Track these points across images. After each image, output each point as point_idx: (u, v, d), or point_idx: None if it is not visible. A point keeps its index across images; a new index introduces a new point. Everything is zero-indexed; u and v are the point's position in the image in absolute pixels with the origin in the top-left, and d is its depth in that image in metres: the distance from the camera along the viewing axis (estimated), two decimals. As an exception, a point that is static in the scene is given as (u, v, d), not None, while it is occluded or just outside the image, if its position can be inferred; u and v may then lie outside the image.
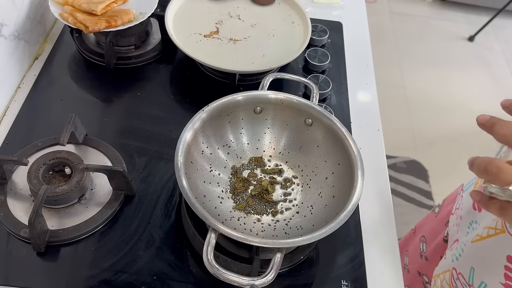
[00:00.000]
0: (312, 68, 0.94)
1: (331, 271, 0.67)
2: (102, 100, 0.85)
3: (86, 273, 0.62)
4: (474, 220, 0.68)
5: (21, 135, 0.76)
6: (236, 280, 0.51)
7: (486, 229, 0.62)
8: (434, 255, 0.85)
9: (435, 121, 2.20)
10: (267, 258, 0.60)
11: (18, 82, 0.84)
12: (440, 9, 2.89)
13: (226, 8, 0.97)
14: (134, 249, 0.65)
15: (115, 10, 0.86)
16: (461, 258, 0.68)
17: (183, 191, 0.57)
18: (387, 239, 0.72)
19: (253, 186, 0.69)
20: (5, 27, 0.77)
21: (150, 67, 0.91)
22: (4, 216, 0.64)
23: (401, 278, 0.68)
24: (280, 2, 1.00)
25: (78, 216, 0.66)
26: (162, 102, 0.85)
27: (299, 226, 0.64)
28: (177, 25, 0.90)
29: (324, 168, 0.69)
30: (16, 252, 0.63)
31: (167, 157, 0.76)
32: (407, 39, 2.64)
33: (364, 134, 0.85)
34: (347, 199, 0.59)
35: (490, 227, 0.61)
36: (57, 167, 0.68)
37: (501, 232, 0.59)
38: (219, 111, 0.68)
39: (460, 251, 0.68)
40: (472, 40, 2.67)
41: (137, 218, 0.68)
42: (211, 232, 0.54)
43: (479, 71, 2.48)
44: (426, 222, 0.97)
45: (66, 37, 0.93)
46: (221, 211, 0.65)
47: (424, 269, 0.88)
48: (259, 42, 0.91)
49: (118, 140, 0.77)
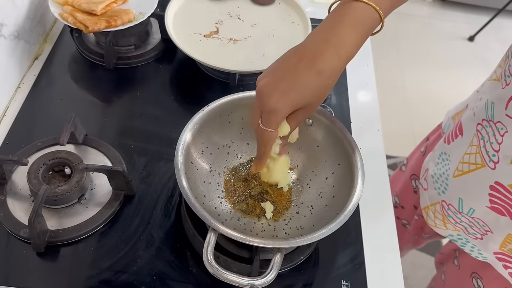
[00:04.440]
0: (312, 68, 0.94)
1: (331, 271, 0.67)
2: (102, 100, 0.85)
3: (86, 273, 0.62)
4: (444, 151, 0.78)
5: (21, 135, 0.76)
6: (236, 280, 0.52)
7: (467, 164, 0.70)
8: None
9: (435, 121, 2.20)
10: (267, 258, 0.60)
11: (18, 82, 0.84)
12: (440, 9, 2.89)
13: (226, 8, 0.97)
14: (134, 249, 0.65)
15: (115, 10, 0.86)
16: (447, 191, 0.76)
17: (183, 191, 0.57)
18: (387, 239, 0.72)
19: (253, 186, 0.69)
20: (5, 27, 0.77)
21: (150, 67, 0.91)
22: (4, 216, 0.64)
23: (401, 278, 0.68)
24: (280, 2, 1.00)
25: (78, 216, 0.66)
26: (162, 102, 0.85)
27: (299, 226, 0.64)
28: (177, 25, 0.90)
29: (324, 168, 0.69)
30: (16, 252, 0.63)
31: (167, 157, 0.76)
32: (407, 39, 2.64)
33: (364, 134, 0.85)
34: (347, 199, 0.59)
35: (471, 163, 0.69)
36: (57, 167, 0.68)
37: (481, 166, 0.68)
38: (219, 111, 0.68)
39: (444, 185, 0.77)
40: (472, 40, 2.67)
41: (137, 218, 0.68)
42: (211, 232, 0.54)
43: (479, 71, 2.47)
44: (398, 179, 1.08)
45: (66, 37, 0.93)
46: (221, 211, 0.65)
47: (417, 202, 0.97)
48: (259, 42, 0.91)
49: (118, 140, 0.77)
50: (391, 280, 0.68)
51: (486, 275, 0.77)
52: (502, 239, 0.70)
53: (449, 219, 0.78)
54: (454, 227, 0.78)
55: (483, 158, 0.67)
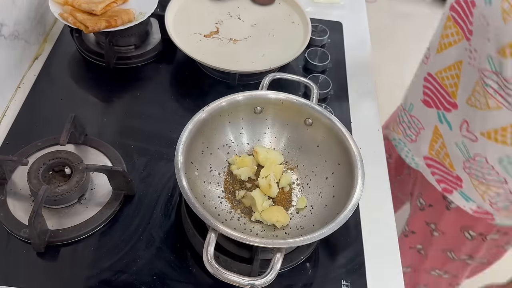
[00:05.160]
0: (312, 68, 0.94)
1: (331, 271, 0.67)
2: (102, 100, 0.85)
3: (86, 273, 0.62)
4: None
5: (21, 135, 0.75)
6: (236, 280, 0.51)
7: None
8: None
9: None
10: (267, 258, 0.60)
11: (18, 82, 0.84)
12: (440, 9, 2.89)
13: (226, 8, 0.97)
14: (134, 249, 0.65)
15: (115, 10, 0.86)
16: (405, 98, 0.98)
17: (183, 191, 0.57)
18: (387, 239, 0.72)
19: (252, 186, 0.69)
20: (5, 27, 0.77)
21: (150, 67, 0.91)
22: (4, 216, 0.64)
23: (401, 278, 0.68)
24: (280, 2, 1.00)
25: (78, 216, 0.66)
26: (162, 102, 0.85)
27: (299, 226, 0.64)
28: (177, 25, 0.90)
29: (324, 168, 0.69)
30: (16, 252, 0.63)
31: (167, 157, 0.76)
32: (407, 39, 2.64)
33: (364, 134, 0.85)
34: (347, 199, 0.59)
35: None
36: (57, 167, 0.68)
37: (421, 65, 0.90)
38: (219, 111, 0.68)
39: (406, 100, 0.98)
40: (472, 40, 2.67)
41: (137, 218, 0.68)
42: (211, 232, 0.54)
43: (479, 71, 2.47)
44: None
45: (66, 37, 0.93)
46: (221, 211, 0.65)
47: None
48: (259, 42, 0.91)
49: (118, 140, 0.77)
50: (391, 280, 0.68)
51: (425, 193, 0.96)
52: (431, 134, 0.87)
53: (399, 119, 0.98)
54: (399, 128, 0.98)
55: (424, 58, 0.89)
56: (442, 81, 0.82)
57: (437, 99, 0.84)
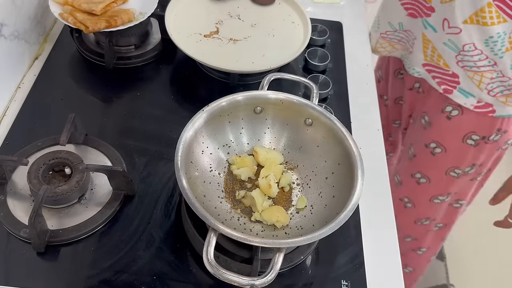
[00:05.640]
0: (312, 68, 0.94)
1: (331, 271, 0.67)
2: (102, 100, 0.85)
3: (86, 273, 0.62)
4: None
5: (21, 135, 0.75)
6: (236, 280, 0.51)
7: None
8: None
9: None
10: (267, 258, 0.60)
11: (18, 82, 0.84)
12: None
13: (226, 8, 0.97)
14: (134, 249, 0.65)
15: (115, 10, 0.86)
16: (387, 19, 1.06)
17: (183, 191, 0.57)
18: (387, 239, 0.72)
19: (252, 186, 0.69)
20: (5, 27, 0.77)
21: (150, 67, 0.91)
22: (4, 216, 0.64)
23: (401, 278, 0.68)
24: (280, 2, 1.00)
25: (78, 216, 0.66)
26: (162, 102, 0.85)
27: (299, 226, 0.64)
28: (177, 25, 0.90)
29: (324, 168, 0.69)
30: (16, 252, 0.63)
31: (167, 157, 0.76)
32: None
33: (364, 134, 0.85)
34: (347, 199, 0.59)
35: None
36: (57, 167, 0.68)
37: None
38: (219, 111, 0.68)
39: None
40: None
41: (137, 218, 0.68)
42: (211, 232, 0.54)
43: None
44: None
45: (66, 37, 0.93)
46: (221, 211, 0.65)
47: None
48: (259, 42, 0.91)
49: (118, 140, 0.77)
50: (391, 280, 0.68)
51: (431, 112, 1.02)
52: (421, 42, 0.95)
53: (392, 41, 1.06)
54: (399, 44, 1.05)
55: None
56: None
57: (418, 8, 0.94)
